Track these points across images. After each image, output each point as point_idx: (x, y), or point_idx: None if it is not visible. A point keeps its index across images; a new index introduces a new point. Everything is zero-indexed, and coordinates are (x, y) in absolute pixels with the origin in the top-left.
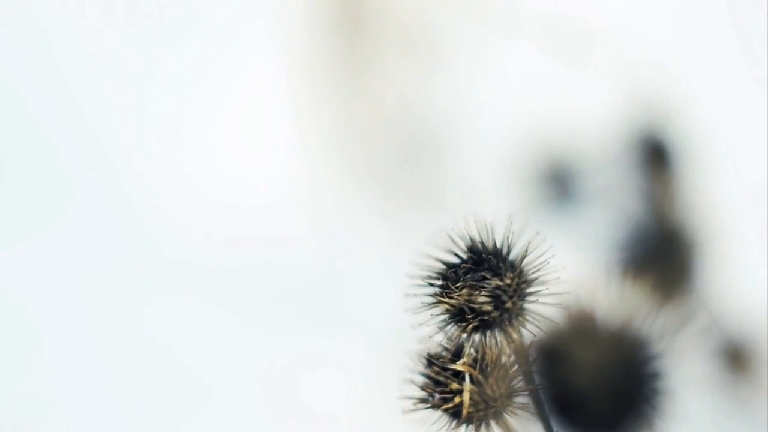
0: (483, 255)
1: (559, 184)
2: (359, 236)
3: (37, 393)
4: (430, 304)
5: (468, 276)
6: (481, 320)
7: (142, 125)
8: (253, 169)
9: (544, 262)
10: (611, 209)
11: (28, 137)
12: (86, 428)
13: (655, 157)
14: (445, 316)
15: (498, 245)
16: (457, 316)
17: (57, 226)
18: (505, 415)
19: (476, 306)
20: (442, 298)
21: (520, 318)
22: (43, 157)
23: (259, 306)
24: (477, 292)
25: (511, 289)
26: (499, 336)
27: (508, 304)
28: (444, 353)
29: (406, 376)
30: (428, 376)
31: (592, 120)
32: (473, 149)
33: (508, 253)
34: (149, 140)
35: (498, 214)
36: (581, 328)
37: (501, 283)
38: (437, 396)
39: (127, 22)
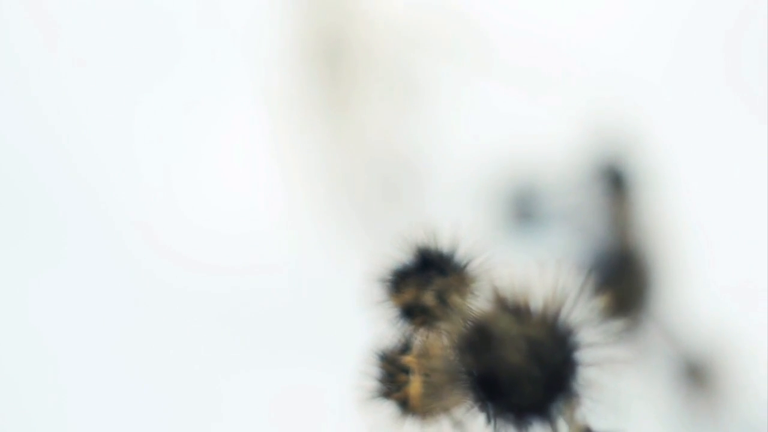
0: (431, 258)
1: (524, 207)
2: (338, 265)
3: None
4: (382, 301)
5: (416, 276)
6: (428, 316)
7: (130, 158)
8: (239, 199)
9: (488, 262)
10: (572, 231)
11: (17, 179)
12: None
13: (615, 183)
14: (397, 313)
15: (446, 250)
16: (407, 313)
17: (50, 261)
18: (450, 404)
19: (422, 303)
20: (392, 296)
21: (463, 312)
22: (32, 195)
23: (244, 331)
24: (423, 290)
25: (455, 287)
26: (444, 330)
27: (452, 300)
28: (395, 348)
29: (362, 370)
30: (381, 370)
31: (557, 148)
32: (446, 176)
33: (454, 255)
34: (138, 172)
35: (464, 230)
36: (510, 314)
37: (445, 282)
38: (387, 387)
39: (113, 58)
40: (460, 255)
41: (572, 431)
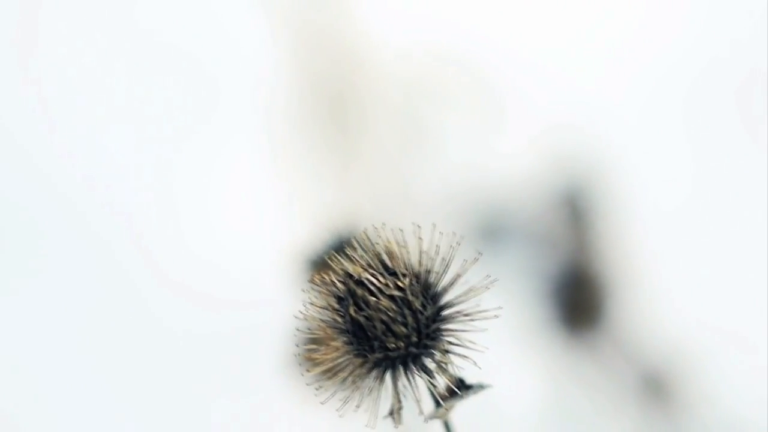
0: (345, 243)
1: (493, 227)
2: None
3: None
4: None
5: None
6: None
7: (137, 189)
8: (246, 233)
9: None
10: (533, 252)
11: (31, 217)
12: None
13: (574, 208)
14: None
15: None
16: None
17: (55, 292)
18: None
19: (328, 275)
20: (313, 273)
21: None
22: (43, 230)
23: (249, 366)
24: (329, 266)
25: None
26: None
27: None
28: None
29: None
30: (301, 335)
31: (522, 177)
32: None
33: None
34: (146, 204)
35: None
36: (386, 273)
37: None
38: (305, 350)
39: (123, 89)
40: (357, 238)
41: (445, 383)
